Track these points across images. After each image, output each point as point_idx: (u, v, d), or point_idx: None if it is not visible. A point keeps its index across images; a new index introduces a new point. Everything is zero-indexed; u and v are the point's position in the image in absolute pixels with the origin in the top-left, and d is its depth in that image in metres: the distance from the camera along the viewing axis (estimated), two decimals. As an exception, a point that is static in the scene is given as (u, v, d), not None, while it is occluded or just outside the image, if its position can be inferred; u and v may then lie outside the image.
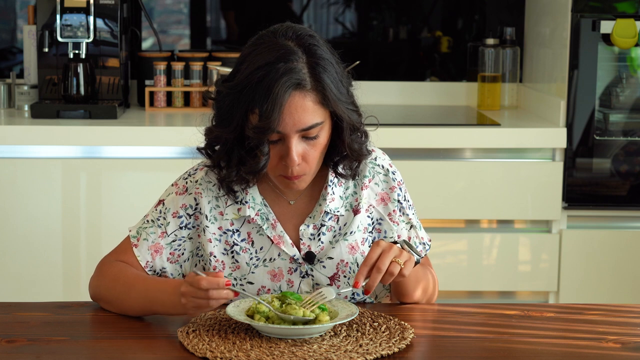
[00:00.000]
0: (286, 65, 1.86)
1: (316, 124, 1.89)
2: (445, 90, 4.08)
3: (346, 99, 1.93)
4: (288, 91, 1.85)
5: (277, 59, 1.87)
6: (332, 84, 1.90)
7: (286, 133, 1.88)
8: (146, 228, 2.03)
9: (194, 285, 1.79)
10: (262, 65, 1.87)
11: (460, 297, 3.55)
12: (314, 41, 1.92)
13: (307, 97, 1.88)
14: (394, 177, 2.09)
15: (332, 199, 2.03)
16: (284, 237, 2.02)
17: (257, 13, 4.13)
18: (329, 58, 1.92)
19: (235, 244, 2.02)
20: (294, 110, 1.87)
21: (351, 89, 1.98)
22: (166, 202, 2.04)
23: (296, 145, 1.89)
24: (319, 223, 2.03)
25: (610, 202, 3.52)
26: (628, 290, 3.52)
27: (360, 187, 2.06)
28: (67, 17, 3.62)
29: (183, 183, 2.05)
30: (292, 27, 1.93)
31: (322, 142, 1.93)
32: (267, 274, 2.02)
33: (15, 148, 3.36)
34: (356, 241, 2.04)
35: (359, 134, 1.99)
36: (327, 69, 1.90)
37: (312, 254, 2.02)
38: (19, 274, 3.38)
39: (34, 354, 1.75)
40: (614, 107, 3.55)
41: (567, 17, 3.47)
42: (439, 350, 1.82)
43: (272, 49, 1.89)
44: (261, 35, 1.94)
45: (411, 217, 2.10)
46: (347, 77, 1.98)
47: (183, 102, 3.83)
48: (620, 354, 1.78)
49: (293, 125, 1.87)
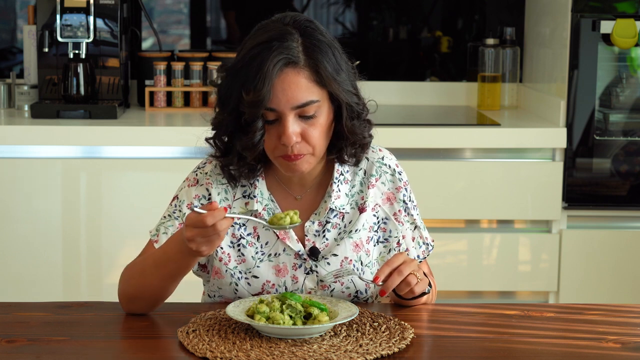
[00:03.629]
0: (280, 44, 1.89)
1: (311, 101, 1.91)
2: (445, 90, 4.08)
3: (344, 81, 1.95)
4: (278, 66, 1.88)
5: (271, 38, 1.90)
6: (328, 64, 1.92)
7: (281, 110, 1.90)
8: (164, 223, 2.05)
9: (199, 225, 1.78)
10: (256, 45, 1.91)
11: (460, 297, 3.55)
12: (312, 25, 1.95)
13: (300, 74, 1.90)
14: (401, 177, 2.10)
15: (337, 196, 2.04)
16: (289, 233, 2.03)
17: (257, 13, 4.13)
18: (326, 41, 1.94)
19: (242, 238, 2.04)
20: (287, 87, 1.89)
21: (353, 75, 1.99)
22: (180, 195, 2.06)
23: (292, 123, 1.91)
24: (324, 220, 2.04)
25: (610, 202, 3.52)
26: (628, 290, 3.52)
27: (366, 186, 2.07)
28: (67, 17, 3.62)
29: (193, 176, 2.08)
30: (291, 14, 1.97)
31: (321, 122, 1.94)
32: (272, 268, 2.03)
33: (15, 148, 3.36)
34: (361, 239, 2.05)
35: (361, 120, 2.00)
36: (323, 50, 1.92)
37: (316, 249, 2.03)
38: (19, 274, 3.38)
39: (34, 354, 1.75)
40: (614, 107, 3.55)
41: (567, 17, 3.47)
42: (439, 350, 1.82)
43: (268, 31, 1.93)
44: (261, 23, 1.98)
45: (415, 218, 2.11)
46: (348, 65, 1.99)
47: (183, 102, 3.83)
48: (620, 354, 1.78)
49: (287, 102, 1.89)
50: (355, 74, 2.01)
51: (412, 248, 2.11)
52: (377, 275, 1.91)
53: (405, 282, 1.92)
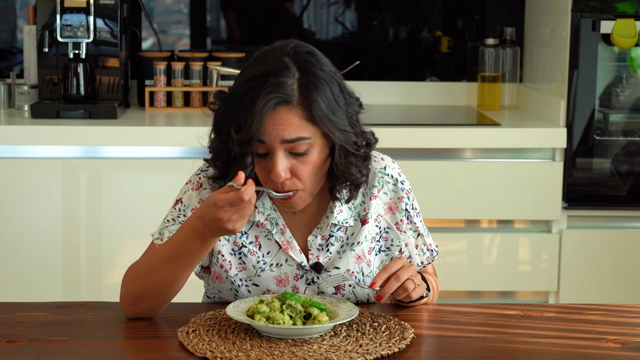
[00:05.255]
0: (275, 80, 1.85)
1: (301, 138, 1.87)
2: (445, 90, 4.08)
3: (340, 120, 1.90)
4: (270, 104, 1.84)
5: (267, 72, 1.86)
6: (323, 102, 1.87)
7: (270, 144, 1.87)
8: (168, 227, 2.02)
9: (236, 203, 1.78)
10: (252, 78, 1.87)
11: (460, 297, 3.55)
12: (312, 59, 1.91)
13: (292, 112, 1.86)
14: (403, 186, 2.08)
15: (340, 210, 2.02)
16: (292, 243, 2.02)
17: (258, 13, 4.13)
18: (325, 77, 1.89)
19: (244, 246, 2.02)
20: (278, 123, 1.86)
21: (354, 109, 1.95)
22: (184, 199, 2.04)
23: (282, 159, 1.88)
24: (327, 234, 2.03)
25: (610, 202, 3.52)
26: (628, 290, 3.52)
27: (369, 197, 2.05)
28: (67, 17, 3.62)
29: (197, 179, 2.05)
30: (294, 43, 1.93)
31: (313, 160, 1.90)
32: (274, 278, 2.02)
33: (15, 148, 3.36)
34: (363, 251, 2.04)
35: (358, 158, 1.97)
36: (320, 87, 1.88)
37: (320, 265, 2.02)
38: (19, 274, 3.38)
39: (34, 354, 1.75)
40: (614, 107, 3.55)
41: (567, 17, 3.47)
42: (439, 350, 1.82)
43: (266, 62, 1.89)
44: (262, 50, 1.94)
45: (418, 225, 2.10)
46: (350, 99, 1.95)
47: (183, 102, 3.83)
48: (620, 354, 1.78)
49: (276, 136, 1.86)
50: (358, 106, 1.97)
51: (416, 255, 2.10)
52: (374, 280, 1.91)
53: (402, 287, 1.93)
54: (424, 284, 1.99)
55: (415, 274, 1.95)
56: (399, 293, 1.94)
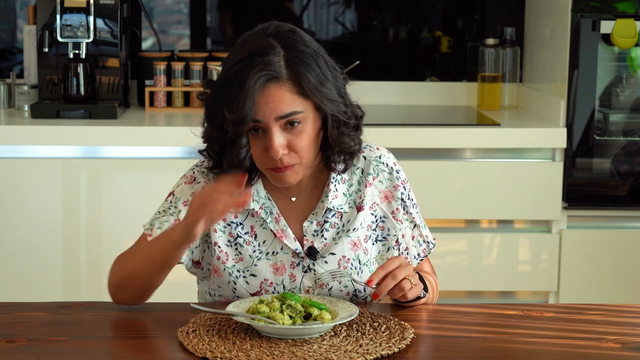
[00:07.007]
0: (262, 59, 1.89)
1: (295, 112, 1.91)
2: (445, 90, 4.08)
3: (330, 91, 1.94)
4: (260, 82, 1.88)
5: (253, 53, 1.90)
6: (311, 75, 1.92)
7: (265, 121, 1.91)
8: (159, 218, 2.07)
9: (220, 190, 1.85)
10: (239, 61, 1.91)
11: (460, 297, 3.55)
12: (294, 36, 1.95)
13: (283, 87, 1.90)
14: (398, 175, 2.10)
15: (335, 195, 2.05)
16: (286, 231, 2.03)
17: (257, 13, 4.13)
18: (310, 52, 1.94)
19: (239, 237, 2.04)
20: (270, 100, 1.90)
21: (342, 81, 1.99)
22: (176, 192, 2.08)
23: (278, 135, 1.92)
24: (322, 220, 2.05)
25: (610, 202, 3.52)
26: (628, 290, 3.52)
27: (364, 185, 2.08)
28: (67, 17, 3.62)
29: (191, 173, 2.09)
30: (274, 24, 1.97)
31: (308, 132, 1.94)
32: (270, 267, 2.03)
33: (15, 148, 3.36)
34: (359, 238, 2.05)
35: (349, 128, 2.00)
36: (306, 61, 1.92)
37: (315, 249, 2.03)
38: (19, 274, 3.38)
39: (34, 354, 1.75)
40: (614, 107, 3.55)
41: (567, 17, 3.47)
42: (439, 350, 1.82)
43: (250, 44, 1.93)
44: (245, 34, 1.98)
45: (415, 216, 2.11)
46: (336, 71, 1.99)
47: (183, 102, 3.83)
48: (620, 354, 1.78)
49: (270, 113, 1.90)
50: (345, 79, 2.01)
51: (412, 247, 2.11)
52: (370, 278, 1.92)
53: (398, 286, 1.93)
54: (421, 284, 2.00)
55: (413, 274, 1.95)
56: (395, 292, 1.94)
